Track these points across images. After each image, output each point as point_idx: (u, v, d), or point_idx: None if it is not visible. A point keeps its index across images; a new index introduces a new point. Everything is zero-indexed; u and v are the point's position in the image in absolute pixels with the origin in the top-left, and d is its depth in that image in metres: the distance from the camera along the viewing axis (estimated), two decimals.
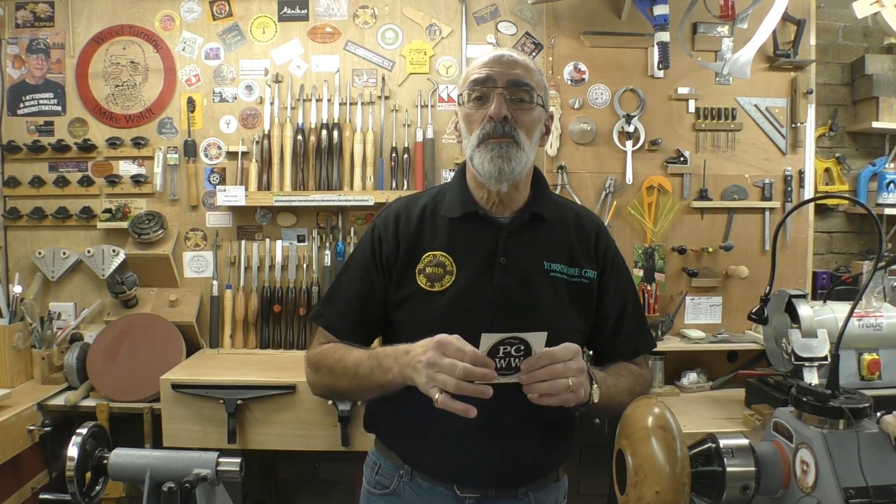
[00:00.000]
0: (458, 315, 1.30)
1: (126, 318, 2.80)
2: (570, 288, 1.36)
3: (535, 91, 1.32)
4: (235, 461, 1.33)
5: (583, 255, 1.38)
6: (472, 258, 1.33)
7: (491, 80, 1.30)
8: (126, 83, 3.01)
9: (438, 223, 1.37)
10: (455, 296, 1.31)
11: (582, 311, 1.38)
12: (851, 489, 0.98)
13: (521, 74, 1.31)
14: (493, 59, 1.32)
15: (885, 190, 3.01)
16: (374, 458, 1.44)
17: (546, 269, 1.34)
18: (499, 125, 1.28)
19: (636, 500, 1.02)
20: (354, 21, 2.99)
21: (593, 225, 1.43)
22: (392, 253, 1.36)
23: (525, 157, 1.31)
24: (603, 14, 2.86)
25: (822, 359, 2.07)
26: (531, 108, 1.32)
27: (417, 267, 1.33)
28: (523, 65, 1.33)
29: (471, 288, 1.31)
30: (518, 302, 1.31)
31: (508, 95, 1.30)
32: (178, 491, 1.22)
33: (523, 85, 1.31)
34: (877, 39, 3.15)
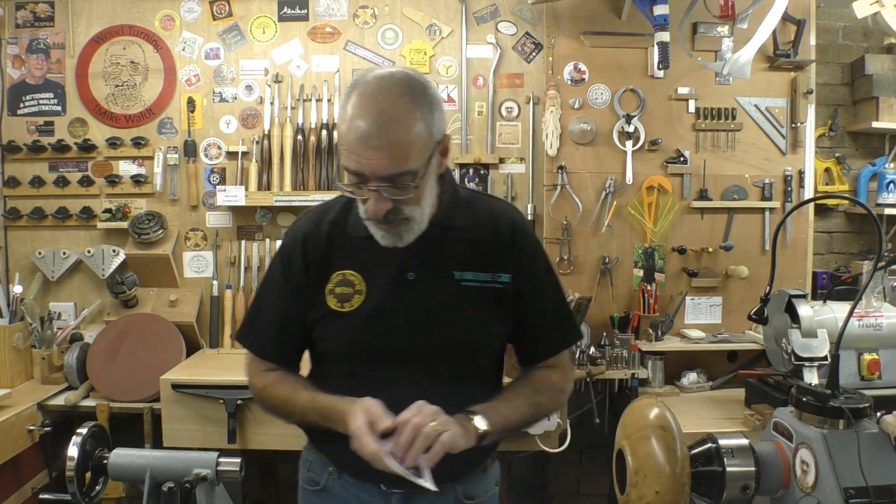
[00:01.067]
0: (370, 334, 1.30)
1: (126, 318, 2.80)
2: (485, 294, 1.32)
3: (415, 170, 1.16)
4: (235, 461, 1.33)
5: (496, 259, 1.34)
6: (381, 276, 1.30)
7: (361, 177, 1.16)
8: (126, 83, 3.01)
9: (347, 241, 1.32)
10: (366, 315, 1.29)
11: (499, 315, 1.35)
12: (851, 489, 0.98)
13: (394, 163, 1.14)
14: (361, 142, 1.13)
15: (885, 190, 3.01)
16: (307, 454, 1.46)
17: (457, 279, 1.31)
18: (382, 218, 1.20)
19: (636, 500, 1.03)
20: (354, 21, 2.98)
21: (508, 224, 1.37)
22: (302, 273, 1.33)
23: (421, 219, 1.24)
24: (603, 14, 2.86)
25: (822, 359, 2.08)
26: (411, 188, 1.17)
27: (328, 287, 1.31)
28: (396, 143, 1.14)
29: (381, 306, 1.29)
30: (430, 316, 1.30)
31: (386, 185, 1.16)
32: (178, 491, 1.22)
33: (398, 176, 1.15)
34: (877, 39, 3.15)
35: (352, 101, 1.16)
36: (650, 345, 2.71)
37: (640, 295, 2.83)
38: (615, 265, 2.89)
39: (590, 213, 2.88)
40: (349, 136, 1.15)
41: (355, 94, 1.16)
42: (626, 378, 2.62)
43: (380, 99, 1.14)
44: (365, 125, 1.13)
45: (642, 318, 2.78)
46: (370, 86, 1.16)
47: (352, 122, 1.14)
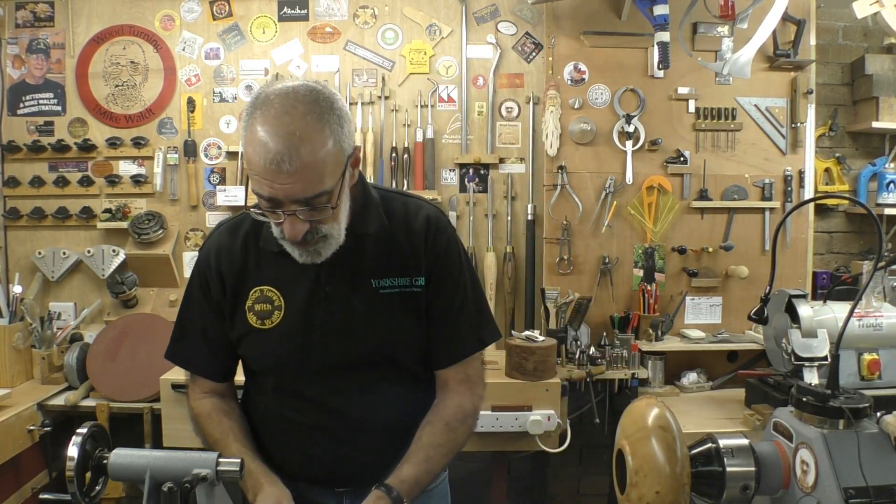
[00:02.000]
0: (292, 350, 1.29)
1: (126, 318, 2.80)
2: (404, 299, 1.30)
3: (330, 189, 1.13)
4: (235, 461, 1.33)
5: (413, 262, 1.30)
6: (298, 290, 1.28)
7: (275, 202, 1.12)
8: (126, 83, 3.01)
9: (262, 256, 1.30)
10: (286, 331, 1.28)
11: (417, 320, 1.32)
12: (851, 489, 0.98)
13: (309, 185, 1.10)
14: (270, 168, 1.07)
15: (885, 190, 3.01)
16: None
17: (375, 286, 1.29)
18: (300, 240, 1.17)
19: (636, 500, 1.03)
20: (354, 21, 2.99)
21: (423, 222, 1.32)
22: (219, 291, 1.32)
23: (338, 235, 1.21)
24: (603, 14, 2.86)
25: (822, 359, 2.07)
26: (327, 208, 1.15)
27: (246, 304, 1.30)
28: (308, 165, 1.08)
29: (301, 321, 1.28)
30: (348, 326, 1.28)
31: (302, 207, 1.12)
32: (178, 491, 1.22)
33: (314, 198, 1.11)
34: (877, 39, 3.15)
35: (256, 122, 1.09)
36: (650, 345, 2.71)
37: (640, 295, 2.83)
38: (615, 265, 2.89)
39: (590, 213, 2.88)
40: (258, 161, 1.08)
41: (258, 113, 1.09)
42: (626, 378, 2.62)
43: (286, 120, 1.07)
44: (274, 149, 1.06)
45: (642, 318, 2.78)
46: (274, 106, 1.09)
47: (259, 146, 1.07)
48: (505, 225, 2.98)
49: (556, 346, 2.56)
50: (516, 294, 2.96)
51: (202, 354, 1.38)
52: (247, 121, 1.12)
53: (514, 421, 2.36)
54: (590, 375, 2.57)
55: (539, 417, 2.36)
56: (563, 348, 2.65)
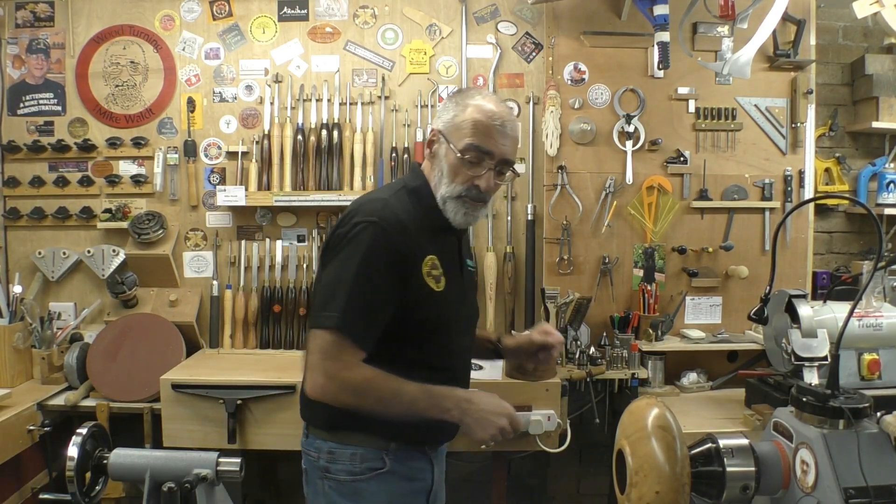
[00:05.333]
0: (453, 310, 1.56)
1: (126, 318, 2.80)
2: (474, 277, 1.78)
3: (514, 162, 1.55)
4: (235, 461, 1.33)
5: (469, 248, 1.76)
6: (450, 261, 1.57)
7: (490, 156, 1.49)
8: (126, 83, 3.01)
9: (426, 231, 1.52)
10: (449, 293, 1.53)
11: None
12: (851, 489, 0.98)
13: (514, 151, 1.54)
14: (498, 129, 1.48)
15: (885, 190, 3.01)
16: (347, 448, 1.50)
17: (468, 266, 1.69)
18: (482, 194, 1.50)
19: (636, 500, 1.03)
20: (354, 21, 2.99)
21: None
22: (409, 257, 1.47)
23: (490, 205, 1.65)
24: (603, 14, 2.86)
25: (822, 359, 2.07)
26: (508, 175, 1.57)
27: (424, 270, 1.49)
28: (516, 138, 1.55)
29: (455, 285, 1.57)
30: (469, 295, 1.70)
31: (498, 169, 1.51)
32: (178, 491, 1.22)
33: (510, 163, 1.53)
34: (877, 39, 3.15)
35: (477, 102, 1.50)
36: (650, 345, 2.71)
37: (640, 295, 2.83)
38: (615, 265, 2.89)
39: (590, 213, 2.88)
40: (487, 121, 1.47)
41: (478, 97, 1.51)
42: (626, 378, 2.62)
43: (501, 105, 1.53)
44: (502, 117, 1.49)
45: (642, 318, 2.78)
46: (488, 94, 1.55)
47: (489, 112, 1.48)
48: (505, 225, 2.98)
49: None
50: (516, 294, 2.96)
51: (373, 325, 1.44)
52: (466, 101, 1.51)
53: None
54: (590, 375, 2.57)
55: (539, 417, 2.36)
56: (563, 348, 2.65)
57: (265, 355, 2.89)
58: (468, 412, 1.42)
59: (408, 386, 1.42)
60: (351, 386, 1.40)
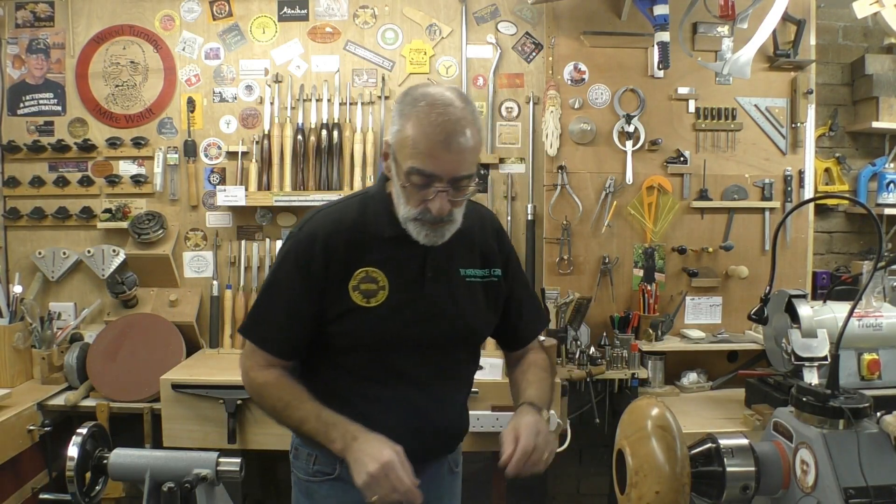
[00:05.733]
0: (392, 327, 1.40)
1: (126, 318, 2.80)
2: (484, 288, 1.49)
3: (474, 174, 1.32)
4: (235, 461, 1.33)
5: (490, 256, 1.50)
6: (402, 273, 1.41)
7: (435, 178, 1.28)
8: (126, 83, 3.01)
9: (369, 240, 1.41)
10: (389, 310, 1.40)
11: (494, 307, 1.53)
12: (851, 489, 0.98)
13: (467, 164, 1.29)
14: (441, 146, 1.25)
15: (885, 190, 3.01)
16: (305, 449, 1.51)
17: (463, 276, 1.46)
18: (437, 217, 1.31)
19: (636, 500, 1.03)
20: (354, 21, 2.98)
21: (494, 224, 1.56)
22: (321, 272, 1.39)
23: (459, 222, 1.37)
24: (603, 14, 2.86)
25: (822, 359, 2.07)
26: (468, 189, 1.33)
27: (351, 284, 1.39)
28: (471, 146, 1.28)
29: (403, 301, 1.40)
30: (443, 311, 1.43)
31: (450, 187, 1.29)
32: (178, 491, 1.22)
33: (466, 178, 1.30)
34: (877, 39, 3.14)
35: (420, 111, 1.27)
36: (650, 345, 2.71)
37: (640, 295, 2.83)
38: (615, 265, 2.89)
39: (590, 213, 2.88)
40: (426, 140, 1.25)
41: (423, 104, 1.27)
42: (626, 378, 2.62)
43: (451, 109, 1.26)
44: (444, 132, 1.25)
45: (642, 318, 2.78)
46: (437, 98, 1.28)
47: (429, 128, 1.25)
48: (505, 225, 2.98)
49: (557, 346, 2.57)
50: None
51: (281, 332, 1.43)
52: (408, 109, 1.29)
53: None
54: (590, 375, 2.57)
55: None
56: (563, 348, 2.65)
57: None
58: (350, 449, 1.29)
59: (304, 403, 1.37)
60: (252, 387, 1.45)
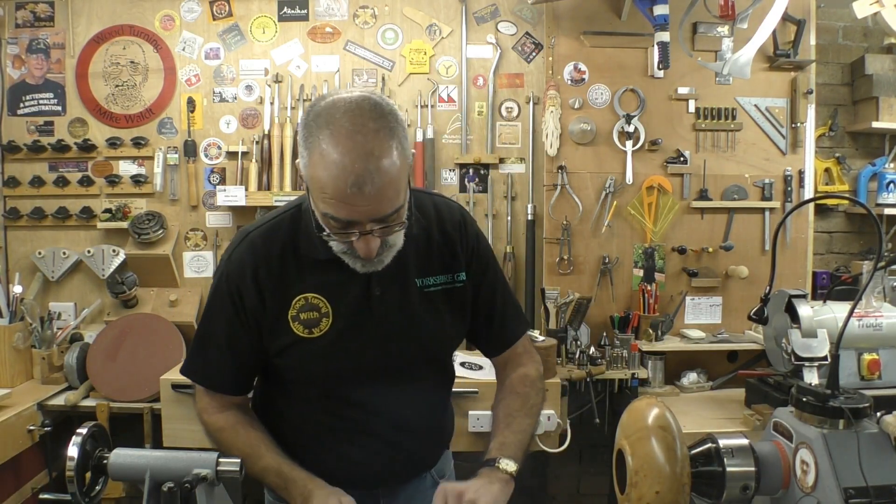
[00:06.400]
0: (341, 355, 1.27)
1: (126, 318, 2.80)
2: (447, 296, 1.34)
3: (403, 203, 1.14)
4: (235, 461, 1.33)
5: (451, 258, 1.34)
6: (347, 295, 1.26)
7: (355, 224, 1.11)
8: (126, 83, 3.01)
9: (304, 263, 1.26)
10: (336, 337, 1.26)
11: (460, 314, 1.37)
12: (851, 489, 0.98)
13: (387, 202, 1.09)
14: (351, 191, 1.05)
15: (885, 190, 3.01)
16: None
17: (420, 286, 1.31)
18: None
19: (636, 500, 1.02)
20: (354, 21, 2.98)
21: (455, 221, 1.36)
22: (255, 302, 1.26)
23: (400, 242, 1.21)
24: (603, 14, 2.86)
25: (822, 359, 2.07)
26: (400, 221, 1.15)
27: (290, 313, 1.26)
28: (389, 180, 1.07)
29: (350, 326, 1.26)
30: (398, 328, 1.29)
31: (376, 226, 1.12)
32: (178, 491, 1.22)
33: (391, 215, 1.12)
34: (877, 39, 3.15)
35: (325, 144, 1.05)
36: (650, 345, 2.71)
37: (640, 295, 2.83)
38: (615, 265, 2.89)
39: (590, 213, 2.88)
40: (334, 185, 1.05)
41: (327, 133, 1.06)
42: (626, 378, 2.62)
43: (360, 140, 1.05)
44: (353, 172, 1.04)
45: (642, 318, 2.78)
46: (342, 124, 1.05)
47: (336, 169, 1.04)
48: (505, 225, 2.98)
49: (556, 346, 2.56)
50: (516, 294, 2.96)
51: (224, 369, 1.33)
52: (312, 141, 1.08)
53: None
54: (590, 375, 2.57)
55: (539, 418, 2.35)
56: (563, 348, 2.65)
57: None
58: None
59: (262, 457, 1.27)
60: (208, 432, 1.36)
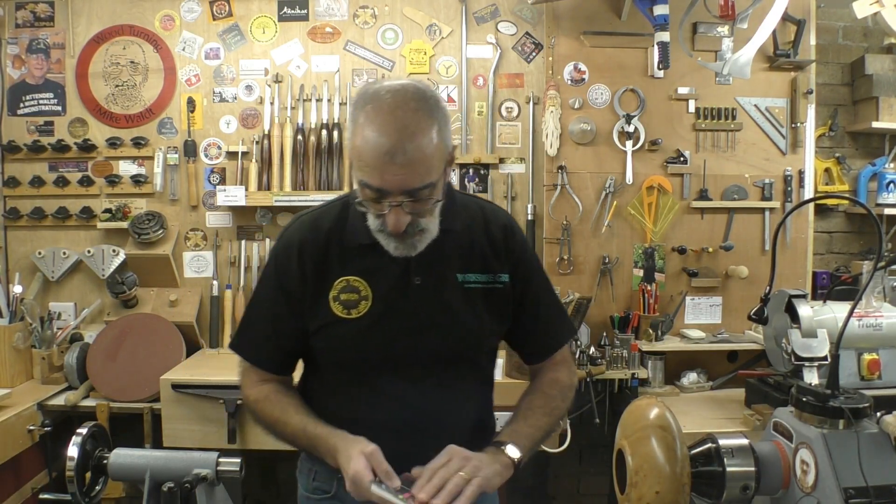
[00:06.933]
0: (375, 339, 1.30)
1: (126, 318, 2.80)
2: (486, 295, 1.35)
3: (435, 182, 1.18)
4: (235, 461, 1.33)
5: (494, 259, 1.36)
6: (386, 281, 1.30)
7: (383, 192, 1.16)
8: (126, 83, 3.01)
9: (348, 247, 1.32)
10: (373, 320, 1.30)
11: (498, 315, 1.38)
12: (851, 489, 0.98)
13: (418, 175, 1.15)
14: (384, 160, 1.12)
15: (885, 190, 3.01)
16: (308, 464, 1.46)
17: (460, 281, 1.33)
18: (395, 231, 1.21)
19: (636, 500, 1.03)
20: (354, 21, 2.98)
21: (501, 225, 1.40)
22: (298, 283, 1.32)
23: (434, 230, 1.25)
24: (603, 14, 2.86)
25: (822, 359, 2.07)
26: (431, 200, 1.20)
27: (331, 294, 1.31)
28: (423, 155, 1.14)
29: (388, 311, 1.30)
30: (434, 319, 1.31)
31: (406, 199, 1.17)
32: (178, 491, 1.22)
33: (421, 189, 1.16)
34: (877, 39, 3.15)
35: (366, 116, 1.14)
36: (650, 345, 2.71)
37: (640, 295, 2.83)
38: (615, 265, 2.89)
39: (590, 213, 2.88)
40: (370, 152, 1.13)
41: (369, 107, 1.15)
42: (626, 378, 2.62)
43: (399, 114, 1.13)
44: (388, 141, 1.12)
45: (642, 318, 2.78)
46: (385, 100, 1.14)
47: (372, 138, 1.13)
48: None
49: None
50: None
51: (267, 346, 1.38)
52: (356, 114, 1.17)
53: None
54: (590, 375, 2.57)
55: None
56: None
57: None
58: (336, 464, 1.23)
59: (291, 418, 1.32)
60: (248, 404, 1.41)
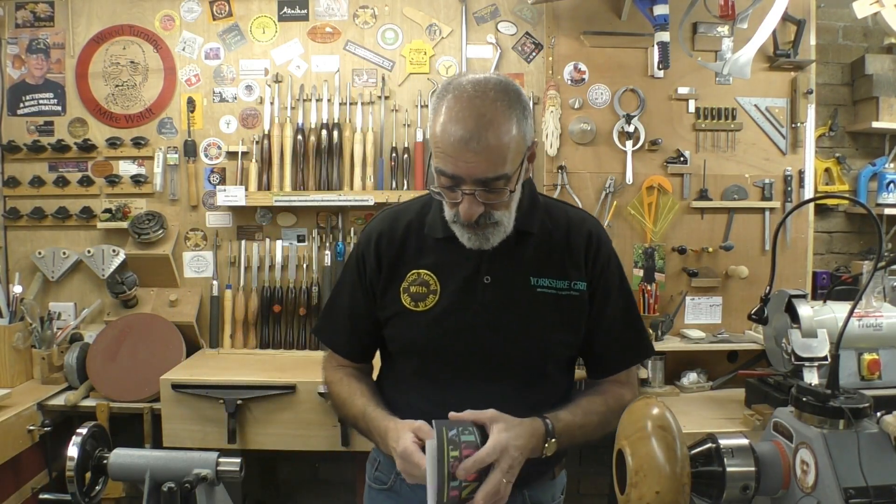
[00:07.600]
0: (441, 334, 1.30)
1: (126, 318, 2.80)
2: (559, 302, 1.32)
3: (510, 174, 1.18)
4: (235, 461, 1.33)
5: (572, 267, 1.34)
6: (456, 277, 1.31)
7: (457, 179, 1.18)
8: (126, 83, 3.01)
9: (424, 241, 1.34)
10: (438, 315, 1.30)
11: (571, 324, 1.34)
12: (851, 489, 0.98)
13: (491, 167, 1.16)
14: (459, 146, 1.14)
15: (885, 190, 3.01)
16: (375, 454, 1.49)
17: (533, 285, 1.31)
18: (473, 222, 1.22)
19: (636, 500, 1.02)
20: (354, 21, 2.99)
21: (584, 232, 1.37)
22: (374, 272, 1.36)
23: (508, 224, 1.25)
24: (603, 14, 2.86)
25: (822, 359, 2.07)
26: (505, 192, 1.20)
27: (402, 285, 1.33)
28: (498, 144, 1.15)
29: (454, 307, 1.30)
30: (500, 320, 1.30)
31: (480, 189, 1.18)
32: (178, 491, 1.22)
33: (494, 179, 1.17)
34: (877, 39, 3.15)
35: (447, 104, 1.17)
36: None
37: (640, 295, 2.82)
38: None
39: (590, 213, 2.87)
40: (446, 139, 1.15)
41: (450, 97, 1.17)
42: None
43: (477, 103, 1.15)
44: (464, 129, 1.14)
45: (642, 318, 2.78)
46: (466, 89, 1.17)
47: (449, 125, 1.15)
48: None
49: None
50: None
51: (344, 332, 1.44)
52: (437, 102, 1.20)
53: None
54: None
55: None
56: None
57: (265, 355, 2.89)
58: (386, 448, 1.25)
59: (356, 401, 1.34)
60: (325, 384, 1.47)
